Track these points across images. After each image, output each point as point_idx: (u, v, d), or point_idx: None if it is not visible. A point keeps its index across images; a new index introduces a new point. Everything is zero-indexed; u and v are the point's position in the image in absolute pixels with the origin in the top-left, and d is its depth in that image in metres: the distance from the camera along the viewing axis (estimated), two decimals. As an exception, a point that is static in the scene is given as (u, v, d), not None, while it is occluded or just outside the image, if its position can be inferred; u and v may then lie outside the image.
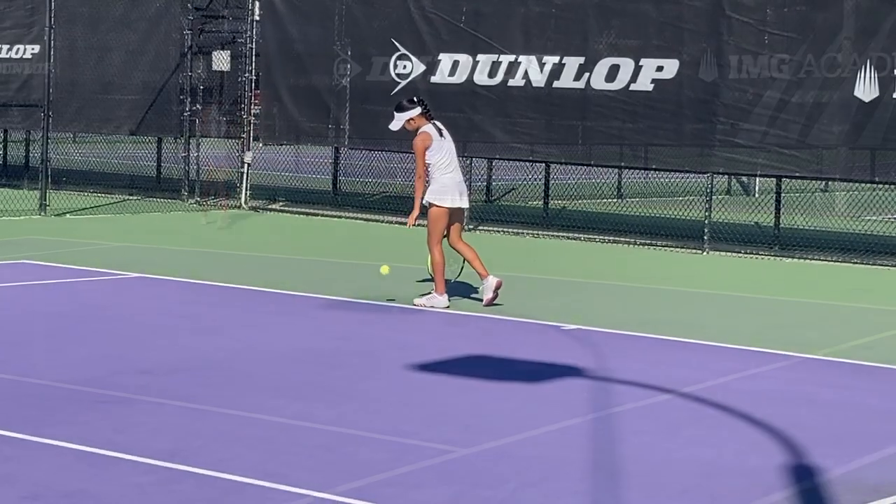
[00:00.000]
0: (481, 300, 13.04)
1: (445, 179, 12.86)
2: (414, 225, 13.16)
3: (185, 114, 22.24)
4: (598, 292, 14.53)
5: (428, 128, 12.92)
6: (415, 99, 13.17)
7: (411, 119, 12.95)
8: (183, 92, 22.24)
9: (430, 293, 12.94)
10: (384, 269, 13.19)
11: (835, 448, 8.25)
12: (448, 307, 12.81)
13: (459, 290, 13.69)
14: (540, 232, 19.52)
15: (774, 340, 11.74)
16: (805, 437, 8.45)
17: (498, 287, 12.88)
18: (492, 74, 19.44)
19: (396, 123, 13.05)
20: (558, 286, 14.82)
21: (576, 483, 7.40)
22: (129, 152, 27.02)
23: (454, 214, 13.00)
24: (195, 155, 22.37)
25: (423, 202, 12.94)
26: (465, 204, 13.08)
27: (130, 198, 22.53)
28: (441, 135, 12.93)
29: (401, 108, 13.04)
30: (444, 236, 13.02)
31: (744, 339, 11.73)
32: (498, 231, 19.69)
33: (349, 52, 20.67)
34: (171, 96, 22.47)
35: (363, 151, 22.29)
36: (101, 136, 26.82)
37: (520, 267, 15.77)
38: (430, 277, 13.15)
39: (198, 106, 22.22)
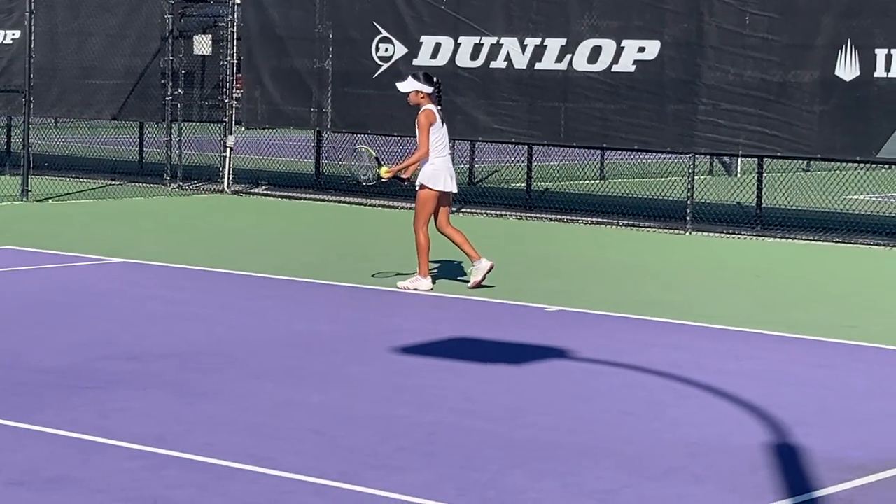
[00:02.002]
0: (467, 282, 13.06)
1: (439, 162, 12.87)
2: (388, 178, 13.04)
3: (167, 98, 22.19)
4: (582, 274, 14.56)
5: (432, 107, 12.92)
6: (435, 80, 13.11)
7: (420, 93, 12.93)
8: (164, 76, 22.19)
9: (413, 276, 12.95)
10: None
11: (819, 427, 8.30)
12: (432, 289, 12.83)
13: (444, 272, 13.71)
14: (523, 214, 19.53)
15: (758, 320, 11.78)
16: (789, 416, 8.50)
17: (489, 270, 12.91)
18: (474, 57, 19.43)
19: (406, 86, 13.01)
20: (541, 268, 14.84)
21: (561, 464, 7.43)
22: (111, 137, 26.97)
23: (442, 198, 13.01)
24: (177, 139, 22.33)
25: (416, 184, 12.96)
26: (454, 188, 13.09)
27: (113, 183, 22.48)
28: (442, 122, 12.93)
29: (417, 77, 13.02)
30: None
31: (727, 320, 11.77)
32: (481, 213, 19.70)
33: (331, 36, 20.64)
34: (153, 81, 22.41)
35: (346, 134, 22.26)
36: (82, 122, 26.75)
37: (503, 249, 15.79)
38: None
39: (179, 90, 22.17)
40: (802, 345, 10.90)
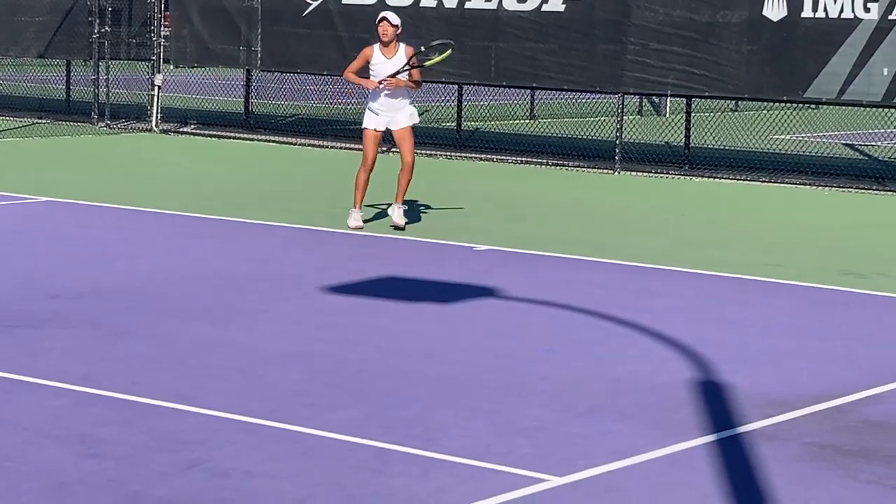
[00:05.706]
0: (392, 223, 13.04)
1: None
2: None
3: (94, 36, 21.95)
4: (511, 213, 14.60)
5: (379, 46, 13.29)
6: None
7: (397, 29, 13.39)
8: (91, 14, 21.93)
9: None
10: None
11: (741, 364, 8.41)
12: (363, 227, 12.82)
13: (372, 212, 13.71)
14: (453, 153, 19.54)
15: (684, 259, 11.89)
16: (713, 353, 8.60)
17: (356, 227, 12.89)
18: (404, -5, 19.32)
19: (394, 18, 13.38)
20: (471, 208, 14.87)
21: (487, 401, 7.49)
22: (37, 75, 26.66)
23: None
24: (105, 78, 22.11)
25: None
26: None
27: (39, 121, 22.25)
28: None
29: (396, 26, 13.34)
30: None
31: (653, 258, 11.87)
32: (411, 153, 19.65)
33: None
34: (80, 18, 22.14)
35: (276, 73, 22.13)
36: (8, 59, 26.40)
37: (432, 189, 15.80)
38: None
39: (107, 28, 21.93)
40: (725, 282, 11.01)
